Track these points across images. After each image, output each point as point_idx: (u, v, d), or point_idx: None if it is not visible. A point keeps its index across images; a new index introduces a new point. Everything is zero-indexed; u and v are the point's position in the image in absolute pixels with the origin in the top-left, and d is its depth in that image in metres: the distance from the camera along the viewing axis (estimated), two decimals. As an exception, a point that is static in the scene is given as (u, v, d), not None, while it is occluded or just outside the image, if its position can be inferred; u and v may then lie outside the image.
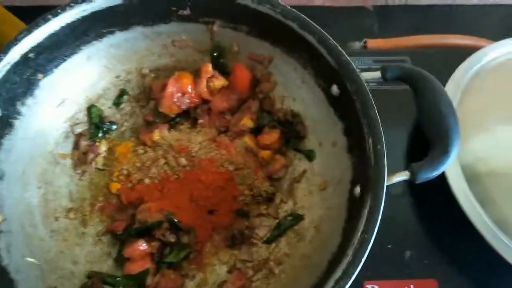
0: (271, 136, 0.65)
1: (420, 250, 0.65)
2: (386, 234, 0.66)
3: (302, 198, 0.63)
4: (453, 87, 0.72)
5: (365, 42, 0.90)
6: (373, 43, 0.90)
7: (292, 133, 0.65)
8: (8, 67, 0.56)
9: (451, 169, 0.64)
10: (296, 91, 0.66)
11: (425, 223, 0.67)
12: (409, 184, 0.68)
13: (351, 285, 0.44)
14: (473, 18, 1.02)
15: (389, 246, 0.65)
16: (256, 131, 0.66)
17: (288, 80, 0.67)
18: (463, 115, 0.69)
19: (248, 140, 0.65)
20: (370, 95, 0.54)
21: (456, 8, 1.03)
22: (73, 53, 0.63)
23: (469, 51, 0.77)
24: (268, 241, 0.60)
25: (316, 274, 0.51)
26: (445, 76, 0.73)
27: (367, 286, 0.61)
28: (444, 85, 0.72)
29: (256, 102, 0.67)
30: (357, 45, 0.92)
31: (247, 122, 0.66)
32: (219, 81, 0.67)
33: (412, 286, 0.61)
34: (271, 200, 0.63)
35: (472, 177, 0.64)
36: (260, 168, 0.64)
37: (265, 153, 0.64)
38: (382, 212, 0.47)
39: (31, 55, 0.58)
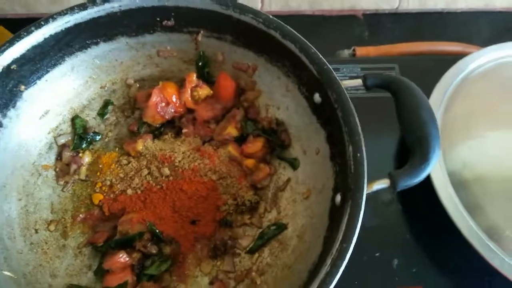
0: (255, 145, 0.64)
1: (408, 258, 0.64)
2: (374, 242, 0.66)
3: (286, 207, 0.62)
4: (440, 93, 0.72)
5: (353, 50, 0.91)
6: (362, 50, 0.90)
7: (276, 141, 0.65)
8: (-11, 79, 0.56)
9: (437, 175, 0.63)
10: (280, 99, 0.66)
11: (413, 231, 0.67)
12: (398, 191, 0.68)
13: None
14: (463, 24, 1.03)
15: (377, 254, 0.64)
16: (240, 140, 0.66)
17: (272, 89, 0.67)
18: (450, 121, 0.70)
19: (232, 149, 0.65)
20: (351, 103, 0.53)
21: (446, 15, 1.04)
22: (56, 64, 0.63)
23: (457, 57, 0.77)
24: (251, 251, 0.59)
25: (297, 284, 0.50)
26: (433, 83, 0.73)
27: (355, 295, 0.60)
28: (431, 91, 0.72)
29: (241, 111, 0.67)
30: (346, 53, 0.92)
31: (232, 131, 0.66)
32: (204, 91, 0.67)
33: None
34: (254, 210, 0.62)
35: (459, 184, 0.63)
36: (244, 177, 0.63)
37: (250, 162, 0.64)
38: (370, 220, 0.46)
39: (13, 66, 0.58)
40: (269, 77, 0.66)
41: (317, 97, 0.58)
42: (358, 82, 0.56)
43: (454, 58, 0.77)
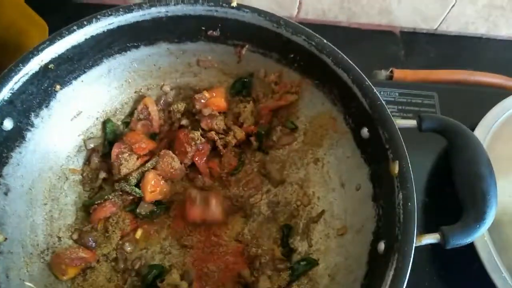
0: None
1: None
2: None
3: (318, 240, 0.60)
4: (483, 132, 0.69)
5: (391, 72, 0.87)
6: (400, 73, 0.87)
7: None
8: (26, 78, 0.53)
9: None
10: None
11: (442, 272, 0.63)
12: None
13: None
14: (502, 52, 0.99)
15: None
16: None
17: (313, 113, 0.64)
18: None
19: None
20: (404, 145, 0.51)
21: (485, 41, 1.00)
22: (94, 65, 0.61)
23: (499, 91, 0.74)
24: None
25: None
26: (473, 116, 0.70)
27: None
28: (471, 125, 0.68)
29: None
30: (383, 74, 0.88)
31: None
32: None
33: None
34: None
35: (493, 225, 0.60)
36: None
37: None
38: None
39: (51, 66, 0.55)
40: (312, 101, 0.63)
41: (365, 132, 0.56)
42: (413, 123, 0.53)
43: (495, 91, 0.74)
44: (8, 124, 0.52)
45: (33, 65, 0.53)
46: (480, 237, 0.59)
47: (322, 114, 0.63)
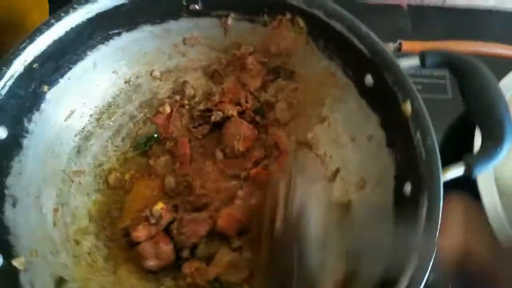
0: None
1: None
2: None
3: (338, 198, 0.59)
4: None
5: (399, 44, 0.84)
6: (408, 45, 0.81)
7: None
8: (12, 81, 0.50)
9: (484, 180, 0.58)
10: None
11: None
12: None
13: None
14: (512, 24, 0.95)
15: None
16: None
17: (310, 73, 0.62)
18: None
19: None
20: (412, 84, 0.50)
21: (496, 14, 0.95)
22: (78, 60, 0.58)
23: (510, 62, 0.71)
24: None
25: (368, 283, 0.47)
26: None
27: None
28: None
29: None
30: (391, 46, 0.83)
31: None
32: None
33: None
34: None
35: (505, 191, 0.60)
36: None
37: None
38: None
39: (35, 65, 0.52)
40: (307, 60, 0.62)
41: (368, 80, 0.55)
42: (415, 61, 0.52)
43: (507, 62, 0.71)
44: (2, 132, 0.50)
45: (17, 66, 0.51)
46: (492, 202, 0.57)
47: (320, 72, 0.61)
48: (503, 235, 0.55)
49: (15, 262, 0.46)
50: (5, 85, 0.50)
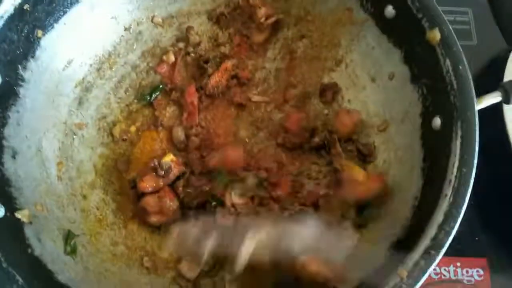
0: None
1: (472, 225, 0.57)
2: None
3: (357, 143, 0.55)
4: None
5: None
6: None
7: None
8: (1, 22, 0.46)
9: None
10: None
11: (477, 197, 0.56)
12: None
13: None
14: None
15: None
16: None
17: (325, 11, 0.58)
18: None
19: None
20: (439, 8, 0.46)
21: None
22: (74, 2, 0.54)
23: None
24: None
25: (398, 224, 0.44)
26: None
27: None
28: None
29: None
30: None
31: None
32: None
33: (459, 263, 0.54)
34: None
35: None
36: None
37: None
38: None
39: (26, 6, 0.48)
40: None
41: (390, 10, 0.50)
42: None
43: None
44: (-5, 78, 0.46)
45: (6, 6, 0.47)
46: None
47: (335, 9, 0.57)
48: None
49: (19, 215, 0.43)
50: (-6, 27, 0.45)
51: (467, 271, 0.54)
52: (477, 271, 0.54)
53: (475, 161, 0.39)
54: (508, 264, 0.55)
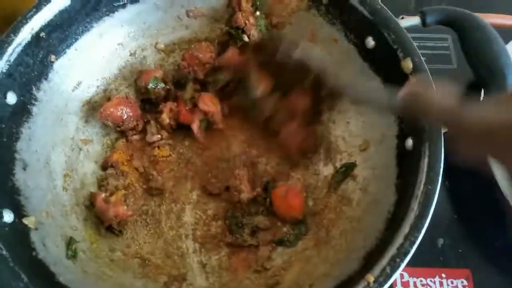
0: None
1: (454, 238, 0.59)
2: None
3: (342, 162, 0.59)
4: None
5: (402, 18, 0.84)
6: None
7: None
8: (20, 48, 0.52)
9: None
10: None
11: (461, 210, 0.62)
12: (446, 167, 0.63)
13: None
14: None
15: None
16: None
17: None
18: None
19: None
20: (412, 41, 0.50)
21: None
22: (84, 31, 0.59)
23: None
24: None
25: (372, 236, 0.47)
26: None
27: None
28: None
29: None
30: None
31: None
32: None
33: (444, 275, 0.57)
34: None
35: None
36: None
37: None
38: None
39: (42, 34, 0.54)
40: (309, 27, 0.62)
41: (369, 41, 0.55)
42: (416, 20, 0.53)
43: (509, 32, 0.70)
44: (11, 98, 0.51)
45: (25, 34, 0.52)
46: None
47: (325, 40, 0.62)
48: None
49: (26, 221, 0.48)
50: (13, 51, 0.51)
51: (452, 282, 0.56)
52: (462, 281, 0.56)
53: (440, 178, 0.43)
54: (491, 274, 0.57)
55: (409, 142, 0.49)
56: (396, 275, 0.39)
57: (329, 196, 0.57)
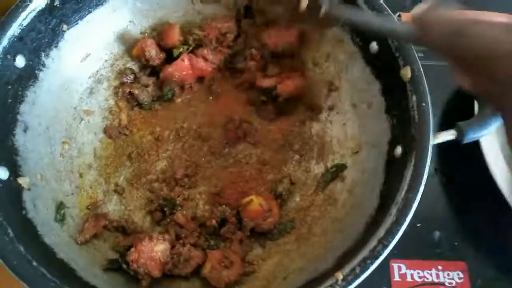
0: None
1: (450, 231, 0.61)
2: (416, 213, 0.61)
3: (333, 162, 0.60)
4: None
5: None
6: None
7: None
8: (33, 14, 0.53)
9: (489, 147, 0.60)
10: (330, 50, 0.63)
11: (456, 204, 0.63)
12: (442, 162, 0.66)
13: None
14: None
15: (418, 225, 0.61)
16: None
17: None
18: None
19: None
20: (413, 49, 0.51)
21: None
22: (98, 4, 0.61)
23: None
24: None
25: (351, 237, 0.48)
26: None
27: (393, 264, 0.58)
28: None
29: None
30: None
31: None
32: None
33: (440, 267, 0.58)
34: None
35: (510, 156, 0.61)
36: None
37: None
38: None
39: (56, 3, 0.55)
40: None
41: (374, 46, 0.56)
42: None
43: None
44: (20, 61, 0.53)
45: (40, 1, 0.54)
46: (499, 167, 0.59)
47: (331, 39, 0.62)
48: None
49: (20, 180, 0.50)
50: (26, 17, 0.53)
51: (448, 274, 0.58)
52: (458, 273, 0.58)
53: (421, 188, 0.44)
54: (486, 267, 0.59)
55: (399, 150, 0.50)
56: (364, 276, 0.40)
57: (316, 194, 0.58)
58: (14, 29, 0.52)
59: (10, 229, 0.44)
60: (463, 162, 0.63)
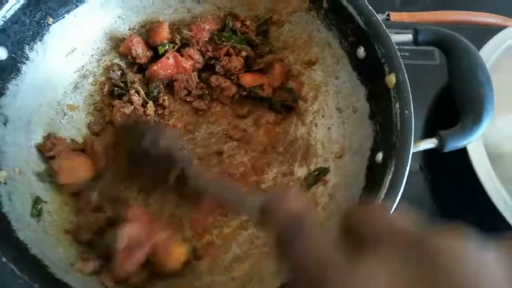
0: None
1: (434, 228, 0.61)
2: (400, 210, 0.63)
3: (316, 166, 0.60)
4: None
5: (388, 15, 0.86)
6: (397, 16, 0.86)
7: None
8: (18, 5, 0.53)
9: (473, 146, 0.60)
10: (318, 54, 0.63)
11: (442, 203, 0.64)
12: (427, 161, 0.66)
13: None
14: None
15: None
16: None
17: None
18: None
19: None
20: (400, 57, 0.51)
21: None
22: (86, -1, 0.60)
23: (497, 29, 0.72)
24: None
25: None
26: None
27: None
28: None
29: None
30: (380, 17, 0.87)
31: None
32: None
33: None
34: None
35: (495, 156, 0.61)
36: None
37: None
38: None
39: (42, -5, 0.55)
40: (307, 29, 0.63)
41: (361, 52, 0.55)
42: (408, 37, 0.53)
43: (492, 30, 0.72)
44: (2, 53, 0.52)
45: (24, -8, 0.53)
46: (484, 169, 0.59)
47: (319, 42, 0.62)
48: (500, 200, 0.57)
49: (-3, 174, 0.49)
50: (10, 8, 0.52)
51: None
52: None
53: (399, 194, 0.44)
54: None
55: (379, 156, 0.49)
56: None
57: (297, 197, 0.57)
58: (-3, 20, 0.51)
59: (-17, 223, 0.43)
60: (447, 161, 0.63)
